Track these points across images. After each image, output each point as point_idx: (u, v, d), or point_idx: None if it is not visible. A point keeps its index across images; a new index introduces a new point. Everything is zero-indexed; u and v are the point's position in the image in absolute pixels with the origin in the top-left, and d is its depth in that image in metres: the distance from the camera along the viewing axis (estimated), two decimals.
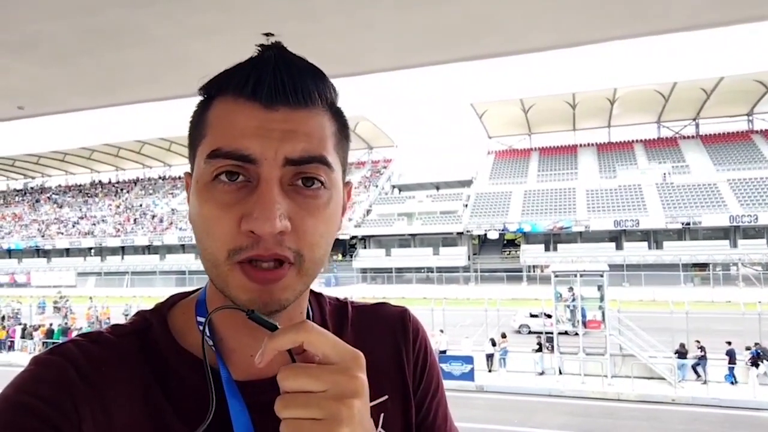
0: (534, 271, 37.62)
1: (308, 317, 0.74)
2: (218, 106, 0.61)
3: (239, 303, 0.58)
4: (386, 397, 0.74)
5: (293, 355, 0.54)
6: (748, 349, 14.92)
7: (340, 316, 0.80)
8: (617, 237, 37.49)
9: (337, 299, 0.83)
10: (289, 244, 0.57)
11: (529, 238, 39.89)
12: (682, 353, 15.30)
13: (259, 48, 0.63)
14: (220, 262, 0.58)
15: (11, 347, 22.22)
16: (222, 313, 0.62)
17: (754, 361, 14.70)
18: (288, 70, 0.60)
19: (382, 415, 0.73)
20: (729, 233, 35.25)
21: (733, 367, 14.90)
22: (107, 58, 1.16)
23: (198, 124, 0.63)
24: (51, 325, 23.15)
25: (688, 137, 45.31)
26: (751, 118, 43.99)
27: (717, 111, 43.17)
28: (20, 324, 24.26)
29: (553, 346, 16.44)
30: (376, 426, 0.72)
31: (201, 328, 0.64)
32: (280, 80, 0.59)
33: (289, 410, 0.51)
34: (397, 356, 0.79)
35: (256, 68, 0.60)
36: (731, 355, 15.00)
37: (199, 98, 0.65)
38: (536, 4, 1.12)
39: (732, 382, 14.78)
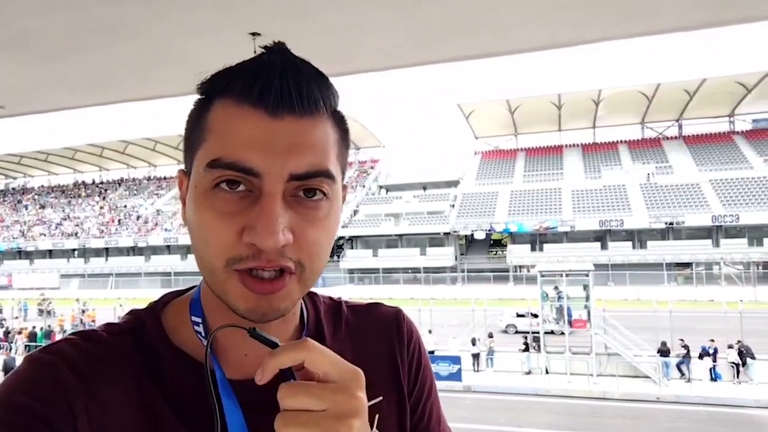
0: (520, 271, 37.75)
1: (302, 317, 0.74)
2: (219, 108, 0.58)
3: (238, 311, 0.58)
4: (381, 398, 0.73)
5: (293, 371, 0.53)
6: (730, 347, 15.15)
7: (334, 316, 0.79)
8: (602, 237, 37.80)
9: (331, 298, 0.82)
10: (291, 255, 0.56)
11: (516, 238, 40.10)
12: (664, 352, 15.49)
13: (263, 50, 0.60)
14: (217, 270, 0.57)
15: None
16: (216, 311, 0.62)
17: (701, 356, 15.29)
18: (295, 76, 0.57)
19: (377, 416, 0.72)
20: (711, 233, 35.69)
21: (716, 365, 15.17)
22: (96, 56, 1.14)
23: (196, 125, 0.61)
24: (34, 327, 22.81)
25: (671, 138, 45.82)
26: (732, 119, 44.59)
27: (699, 112, 43.70)
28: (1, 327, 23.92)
29: (539, 346, 16.55)
30: (372, 427, 0.71)
31: (205, 345, 0.63)
32: (287, 87, 0.56)
33: (288, 429, 0.50)
34: (391, 358, 0.78)
35: (262, 73, 0.57)
36: (715, 353, 15.33)
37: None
38: (528, 5, 1.13)
39: (712, 379, 15.07)
